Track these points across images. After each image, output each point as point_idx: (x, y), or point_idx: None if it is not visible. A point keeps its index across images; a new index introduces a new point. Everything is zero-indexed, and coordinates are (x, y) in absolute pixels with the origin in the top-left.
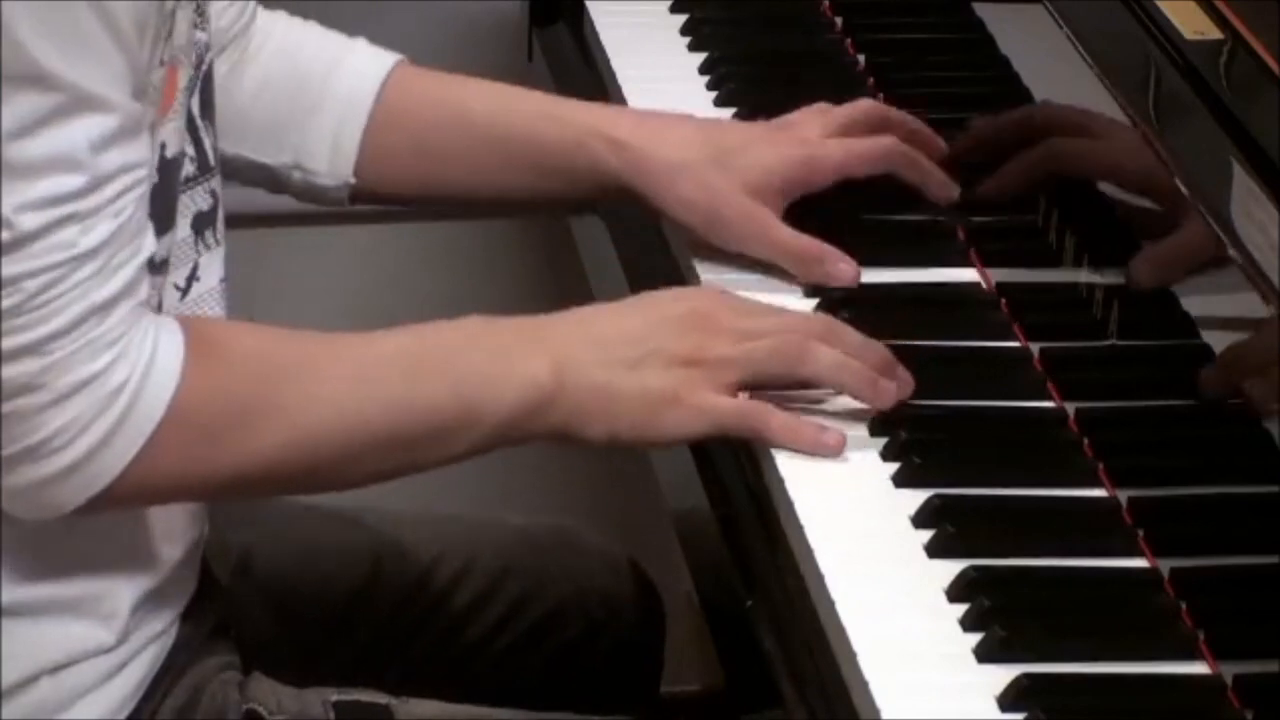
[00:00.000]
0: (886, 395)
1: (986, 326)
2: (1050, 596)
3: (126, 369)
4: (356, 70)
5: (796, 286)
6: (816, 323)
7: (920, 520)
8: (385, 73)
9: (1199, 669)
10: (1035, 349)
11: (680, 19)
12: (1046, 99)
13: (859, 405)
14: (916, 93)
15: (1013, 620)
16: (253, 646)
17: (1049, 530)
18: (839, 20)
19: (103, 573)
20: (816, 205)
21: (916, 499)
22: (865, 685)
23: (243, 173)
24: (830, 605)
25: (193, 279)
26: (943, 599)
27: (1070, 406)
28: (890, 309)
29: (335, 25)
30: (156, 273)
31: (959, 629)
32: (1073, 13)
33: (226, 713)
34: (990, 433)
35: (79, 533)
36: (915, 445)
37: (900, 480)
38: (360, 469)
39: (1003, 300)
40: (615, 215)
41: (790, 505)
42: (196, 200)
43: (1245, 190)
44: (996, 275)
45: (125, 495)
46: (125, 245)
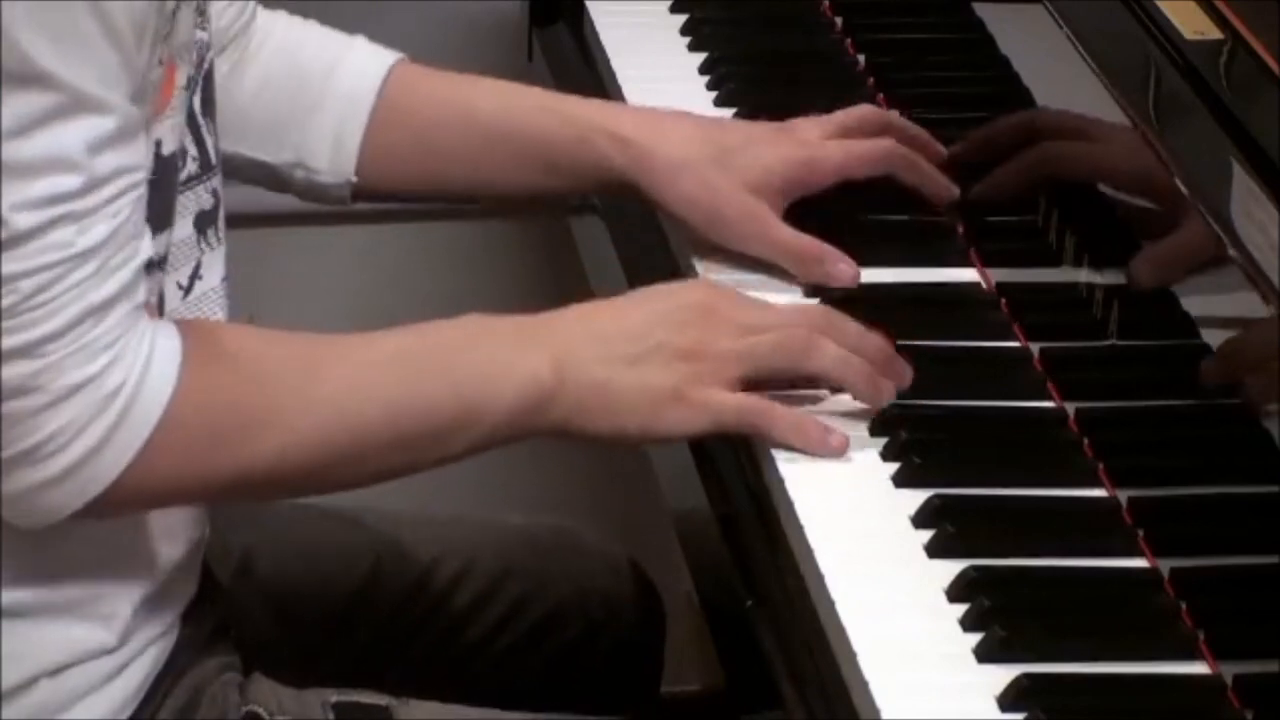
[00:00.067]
0: (886, 394)
1: (986, 326)
2: (1050, 596)
3: (123, 372)
4: (357, 68)
5: (796, 286)
6: (816, 314)
7: (920, 520)
8: (386, 71)
9: (1199, 669)
10: (1035, 349)
11: (680, 19)
12: (1045, 103)
13: (859, 405)
14: (916, 93)
15: (1013, 620)
16: (253, 648)
17: (1049, 530)
18: (839, 20)
19: (103, 574)
20: (817, 205)
21: (916, 499)
22: (865, 685)
23: (244, 171)
24: (830, 605)
25: (195, 277)
26: (943, 599)
27: (1070, 406)
28: (890, 309)
29: (335, 26)
30: (154, 271)
31: (959, 629)
32: (1073, 13)
33: (227, 714)
34: (990, 433)
35: (79, 534)
36: (915, 445)
37: (900, 480)
38: (361, 469)
39: (1003, 300)
40: (615, 215)
41: (790, 505)
42: (199, 199)
43: (1245, 190)
44: (996, 275)
45: (123, 500)
46: (122, 247)
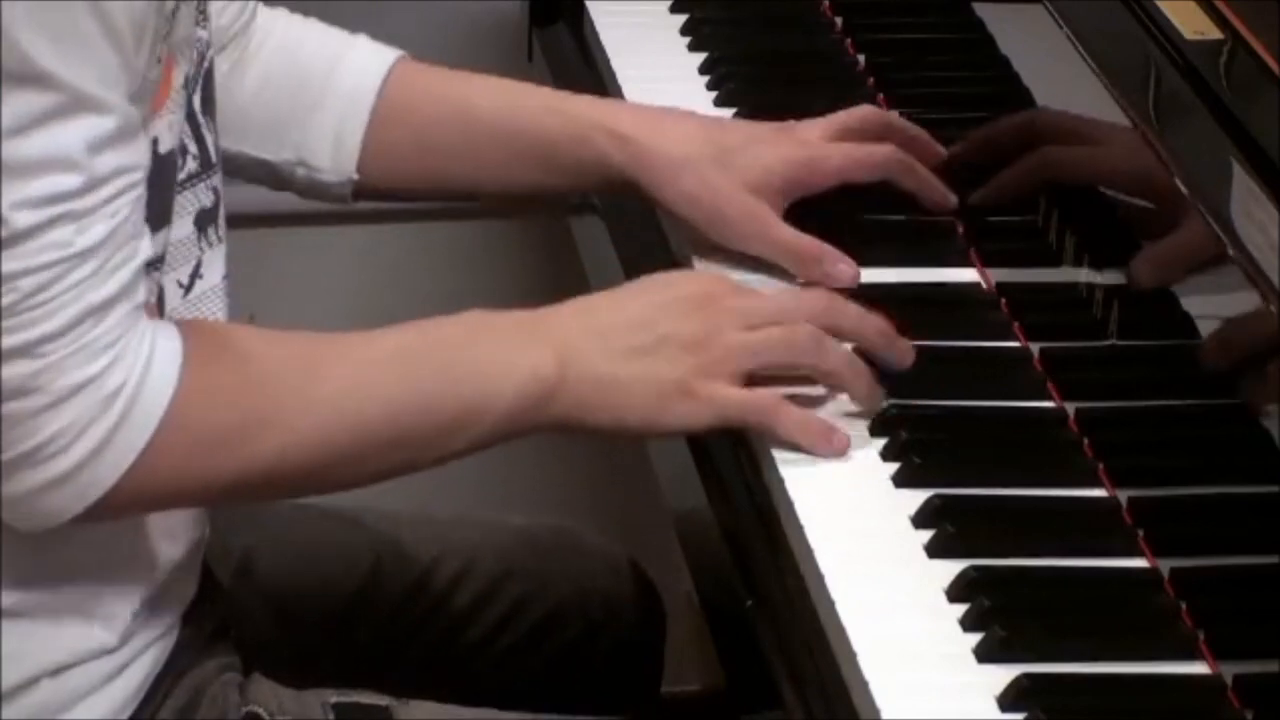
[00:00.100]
0: (877, 399)
1: (986, 326)
2: (1050, 596)
3: (123, 372)
4: (358, 66)
5: (796, 286)
6: (816, 297)
7: (920, 520)
8: (387, 69)
9: (1199, 669)
10: (1035, 349)
11: (680, 19)
12: (1045, 103)
13: (858, 406)
14: (916, 93)
15: (1013, 620)
16: (253, 648)
17: (1049, 530)
18: (839, 20)
19: (104, 575)
20: (816, 205)
21: (916, 499)
22: (865, 685)
23: (245, 170)
24: (830, 605)
25: (196, 276)
26: (943, 599)
27: (1070, 406)
28: (890, 309)
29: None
30: (152, 270)
31: (959, 629)
32: (1073, 13)
33: (227, 714)
34: (990, 433)
35: (80, 536)
36: (915, 445)
37: (900, 480)
38: (362, 469)
39: (1003, 300)
40: (615, 215)
41: (790, 505)
42: (199, 197)
43: (1245, 190)
44: (996, 275)
45: (124, 503)
46: (121, 247)
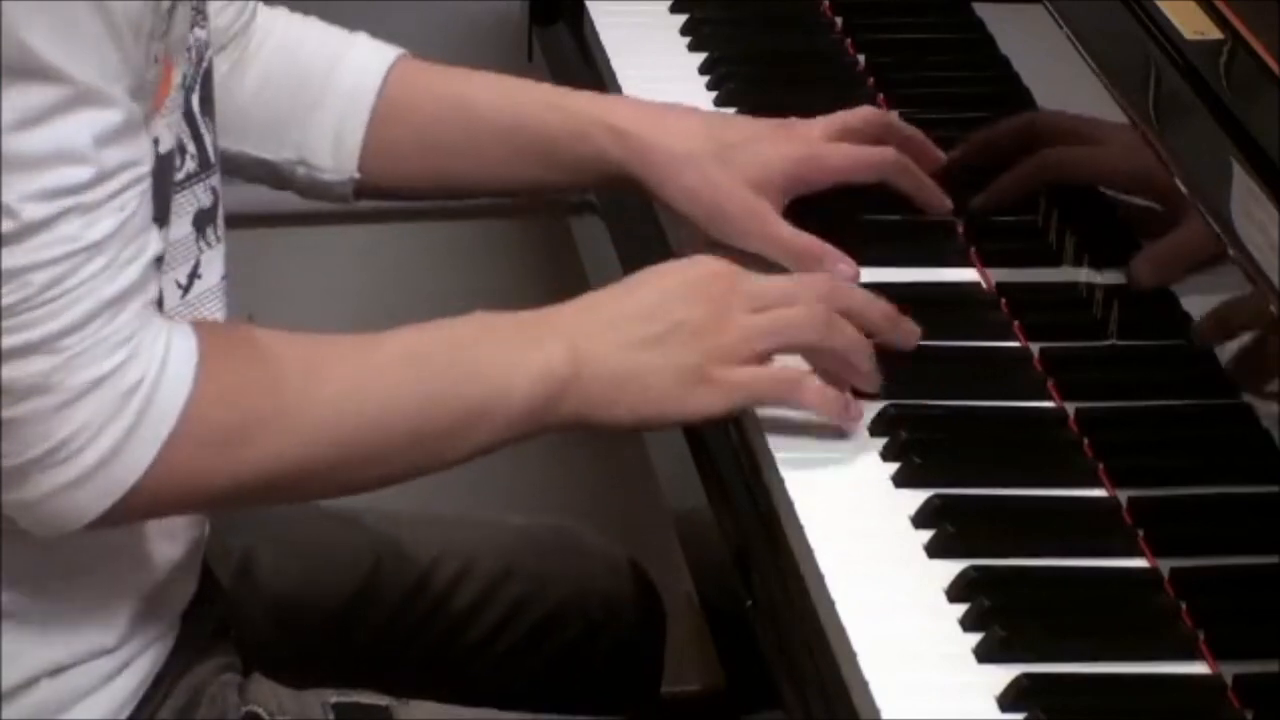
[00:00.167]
0: (877, 381)
1: (986, 326)
2: (1050, 596)
3: (140, 369)
4: (358, 65)
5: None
6: (821, 282)
7: (920, 520)
8: (387, 67)
9: (1199, 669)
10: (1035, 349)
11: (680, 19)
12: (1045, 103)
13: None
14: (916, 93)
15: (1013, 620)
16: (253, 648)
17: (1049, 530)
18: (839, 20)
19: (103, 574)
20: (816, 204)
21: (916, 499)
22: (865, 685)
23: (246, 170)
24: (830, 605)
25: (194, 276)
26: (943, 599)
27: (1070, 406)
28: None
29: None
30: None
31: (959, 629)
32: (1073, 13)
33: (226, 714)
34: (990, 433)
35: (79, 535)
36: (915, 445)
37: (900, 480)
38: (378, 470)
39: (1003, 300)
40: (615, 214)
41: (790, 505)
42: (197, 197)
43: (1245, 190)
44: (996, 275)
45: (144, 504)
46: (131, 241)
